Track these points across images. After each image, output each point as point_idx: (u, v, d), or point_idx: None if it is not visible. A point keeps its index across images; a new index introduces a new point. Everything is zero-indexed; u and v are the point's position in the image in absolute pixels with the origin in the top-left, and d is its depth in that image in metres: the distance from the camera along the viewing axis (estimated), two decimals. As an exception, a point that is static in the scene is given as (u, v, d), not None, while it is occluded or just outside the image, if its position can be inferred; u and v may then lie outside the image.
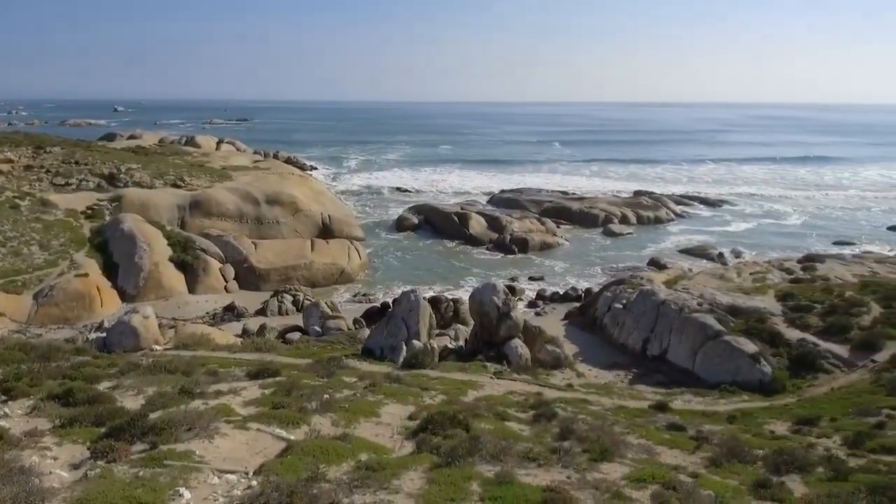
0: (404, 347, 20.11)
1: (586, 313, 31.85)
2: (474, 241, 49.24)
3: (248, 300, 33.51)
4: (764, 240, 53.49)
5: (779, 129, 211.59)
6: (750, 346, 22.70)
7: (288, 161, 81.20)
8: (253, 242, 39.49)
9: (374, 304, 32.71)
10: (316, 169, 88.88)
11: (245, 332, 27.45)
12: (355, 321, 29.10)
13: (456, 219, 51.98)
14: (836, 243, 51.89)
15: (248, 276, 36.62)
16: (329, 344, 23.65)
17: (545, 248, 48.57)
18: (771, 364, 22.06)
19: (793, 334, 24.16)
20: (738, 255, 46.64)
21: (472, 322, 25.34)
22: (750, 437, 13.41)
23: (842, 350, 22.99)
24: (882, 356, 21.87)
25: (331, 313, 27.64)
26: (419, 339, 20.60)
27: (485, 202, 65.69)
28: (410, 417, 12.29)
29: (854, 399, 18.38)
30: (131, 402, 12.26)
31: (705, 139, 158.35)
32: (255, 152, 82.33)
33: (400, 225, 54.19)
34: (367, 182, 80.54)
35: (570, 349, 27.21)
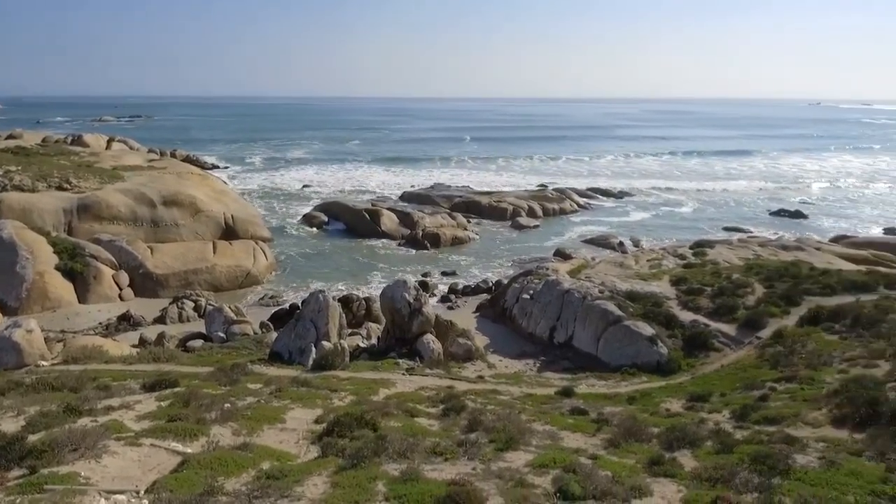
0: (313, 349, 19.68)
1: (496, 305, 32.46)
2: (386, 238, 49.05)
3: (146, 308, 31.71)
4: (661, 228, 56.57)
5: (676, 123, 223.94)
6: (647, 330, 23.91)
7: (186, 159, 77.40)
8: (149, 246, 37.38)
9: (283, 307, 31.83)
10: (217, 167, 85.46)
11: (142, 342, 25.97)
12: (262, 325, 28.20)
13: (367, 216, 51.52)
14: (725, 229, 55.62)
15: (144, 283, 34.64)
16: (234, 350, 22.77)
17: (457, 242, 49.10)
18: (667, 345, 23.33)
19: (686, 316, 25.67)
20: (636, 243, 49.01)
21: (385, 319, 25.18)
22: (647, 416, 14.11)
23: (730, 329, 24.62)
24: (765, 333, 23.61)
25: (235, 318, 26.62)
26: (329, 340, 20.22)
27: (396, 198, 65.55)
28: (317, 421, 12.06)
29: (741, 374, 19.74)
30: (10, 424, 11.32)
31: (607, 134, 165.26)
32: (150, 151, 77.84)
33: (309, 223, 53.08)
34: (273, 180, 78.32)
35: (481, 341, 27.63)
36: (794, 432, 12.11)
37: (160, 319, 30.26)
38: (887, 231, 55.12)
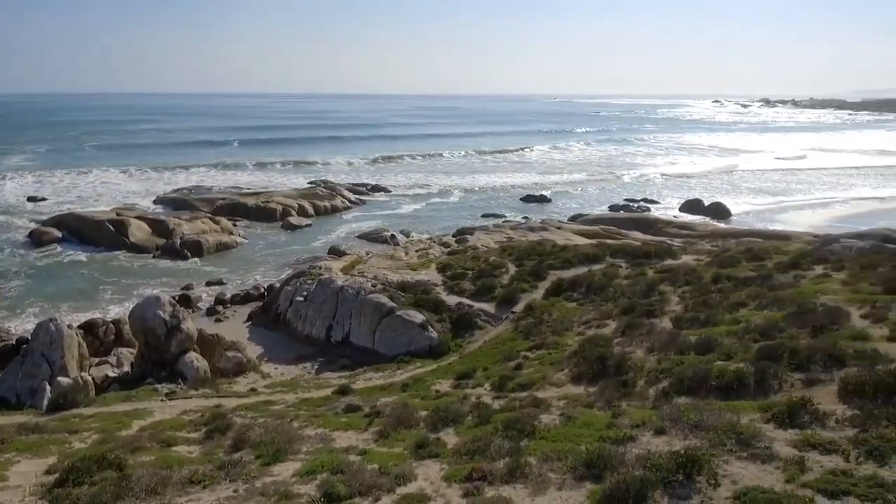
0: (48, 388, 16.99)
1: (269, 311, 31.28)
2: (137, 251, 44.19)
3: None
4: (430, 218, 59.35)
5: (440, 119, 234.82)
6: (418, 317, 24.95)
7: None
8: None
9: (7, 342, 26.88)
10: None
11: None
12: (-20, 367, 23.56)
13: (111, 227, 45.88)
14: (483, 216, 60.25)
15: None
16: (-60, 403, 18.67)
17: (222, 248, 46.23)
18: (437, 330, 24.60)
19: (452, 300, 27.29)
20: (407, 235, 50.79)
21: (138, 343, 22.69)
22: (418, 402, 14.61)
23: (490, 307, 26.75)
24: (519, 307, 26.07)
25: (-59, 363, 21.88)
26: (67, 375, 17.61)
27: (147, 205, 59.62)
28: (49, 471, 10.36)
29: (500, 348, 21.47)
30: None
31: (377, 132, 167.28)
32: None
33: (36, 241, 45.54)
34: (-13, 194, 66.00)
35: (254, 351, 26.42)
36: (541, 394, 13.46)
37: None
38: (612, 208, 64.65)
